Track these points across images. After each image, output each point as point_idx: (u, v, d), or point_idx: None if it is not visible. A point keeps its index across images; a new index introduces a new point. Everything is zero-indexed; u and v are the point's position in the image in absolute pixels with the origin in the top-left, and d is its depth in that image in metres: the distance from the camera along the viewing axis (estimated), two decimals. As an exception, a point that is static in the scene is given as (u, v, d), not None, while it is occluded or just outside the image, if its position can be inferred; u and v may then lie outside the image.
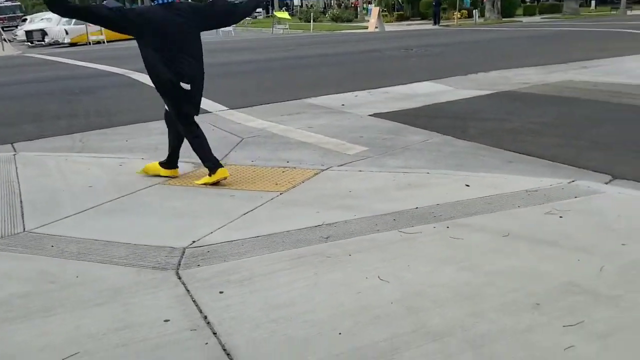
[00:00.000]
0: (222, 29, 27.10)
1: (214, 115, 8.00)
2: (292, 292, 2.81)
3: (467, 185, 4.47)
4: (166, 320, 2.57)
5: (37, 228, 3.78)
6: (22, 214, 4.05)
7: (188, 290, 2.84)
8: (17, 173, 5.14)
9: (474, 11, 33.81)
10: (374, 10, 29.07)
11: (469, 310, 2.59)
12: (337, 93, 9.46)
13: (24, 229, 3.78)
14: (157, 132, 7.05)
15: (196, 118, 4.85)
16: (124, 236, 3.58)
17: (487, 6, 35.20)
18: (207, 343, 2.39)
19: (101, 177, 5.04)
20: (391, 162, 5.53)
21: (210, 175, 4.77)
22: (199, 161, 4.91)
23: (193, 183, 4.85)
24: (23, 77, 12.98)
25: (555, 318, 2.51)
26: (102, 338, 2.45)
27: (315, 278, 2.96)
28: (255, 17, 49.80)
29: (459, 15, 32.62)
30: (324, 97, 9.15)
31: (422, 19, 38.00)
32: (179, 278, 2.99)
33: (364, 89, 9.68)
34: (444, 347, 2.33)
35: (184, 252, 3.32)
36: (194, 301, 2.74)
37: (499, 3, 35.02)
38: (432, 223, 3.67)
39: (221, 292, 2.82)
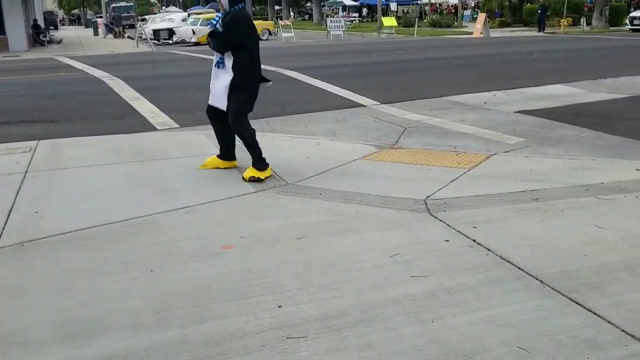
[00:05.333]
0: (333, 32, 28.45)
1: (370, 109, 9.00)
2: (531, 230, 3.72)
3: (638, 170, 5.17)
4: (446, 240, 3.54)
5: (297, 182, 4.88)
6: (276, 173, 5.17)
7: (448, 225, 3.80)
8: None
9: (581, 19, 33.38)
10: (480, 16, 29.58)
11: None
12: (474, 92, 10.26)
13: (287, 183, 4.89)
14: (328, 121, 8.15)
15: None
16: (369, 190, 4.61)
17: (595, 14, 34.60)
18: (487, 254, 3.33)
19: (309, 152, 6.12)
20: (552, 151, 6.28)
21: (261, 170, 5.01)
22: (381, 143, 5.82)
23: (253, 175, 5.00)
24: (182, 71, 14.32)
25: None
26: (408, 246, 3.45)
27: (543, 223, 3.84)
28: (352, 21, 51.05)
29: (565, 23, 32.32)
30: (463, 96, 9.97)
31: (525, 25, 37.84)
32: (435, 217, 3.96)
33: (499, 90, 10.42)
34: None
35: (425, 202, 4.29)
36: (458, 231, 3.70)
37: (607, 11, 34.35)
38: (622, 193, 4.45)
39: (475, 227, 3.75)
